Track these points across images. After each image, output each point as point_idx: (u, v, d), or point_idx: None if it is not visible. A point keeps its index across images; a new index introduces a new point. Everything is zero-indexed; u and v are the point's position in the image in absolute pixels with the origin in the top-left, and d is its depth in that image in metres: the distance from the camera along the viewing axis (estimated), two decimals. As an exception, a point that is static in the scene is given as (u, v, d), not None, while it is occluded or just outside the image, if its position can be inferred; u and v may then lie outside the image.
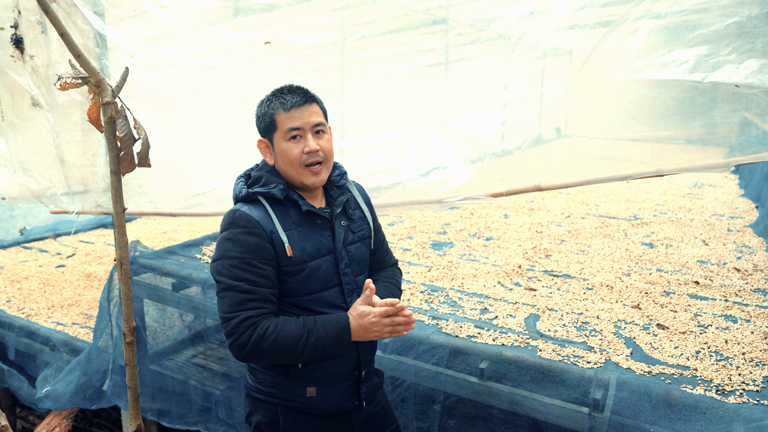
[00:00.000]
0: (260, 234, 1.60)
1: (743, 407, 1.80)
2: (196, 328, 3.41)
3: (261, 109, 1.69)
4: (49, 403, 3.26)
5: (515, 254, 3.51)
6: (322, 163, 1.67)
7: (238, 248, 1.59)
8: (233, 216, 1.63)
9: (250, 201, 1.67)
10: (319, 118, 1.67)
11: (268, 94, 1.71)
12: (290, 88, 1.67)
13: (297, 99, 1.64)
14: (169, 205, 2.99)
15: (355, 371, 1.77)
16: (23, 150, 3.12)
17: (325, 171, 1.69)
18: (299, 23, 2.72)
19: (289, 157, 1.64)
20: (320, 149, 1.65)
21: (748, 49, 1.80)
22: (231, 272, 1.58)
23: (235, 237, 1.60)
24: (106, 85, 2.12)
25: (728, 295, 2.77)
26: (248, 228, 1.60)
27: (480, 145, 2.43)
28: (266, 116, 1.67)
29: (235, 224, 1.61)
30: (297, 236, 1.66)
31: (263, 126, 1.69)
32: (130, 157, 2.23)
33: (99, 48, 2.74)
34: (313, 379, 1.71)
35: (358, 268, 1.78)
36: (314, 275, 1.67)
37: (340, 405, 1.76)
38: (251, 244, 1.59)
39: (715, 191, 5.55)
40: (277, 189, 1.66)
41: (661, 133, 2.13)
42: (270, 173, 1.70)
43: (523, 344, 2.27)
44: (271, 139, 1.68)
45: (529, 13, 2.24)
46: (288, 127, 1.63)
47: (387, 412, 1.94)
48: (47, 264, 4.86)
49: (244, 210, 1.63)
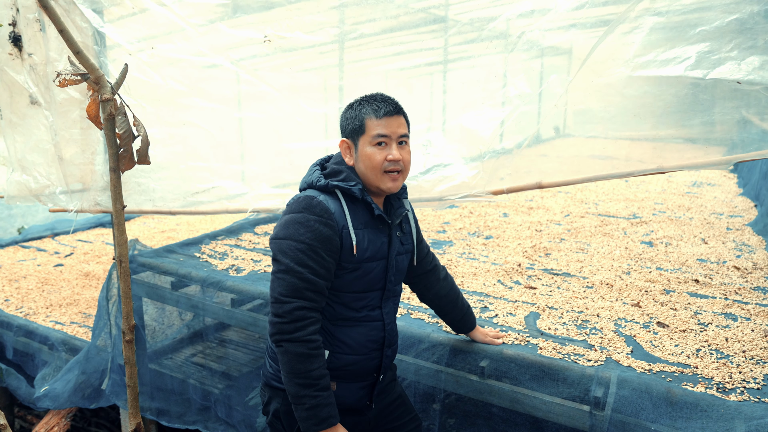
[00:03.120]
0: (333, 226, 1.65)
1: (744, 405, 1.79)
2: (195, 326, 3.40)
3: (351, 112, 1.74)
4: (47, 403, 3.25)
5: (515, 253, 3.50)
6: (401, 171, 1.73)
7: (309, 234, 1.62)
8: (310, 202, 1.66)
9: (326, 191, 1.71)
10: (405, 129, 1.74)
11: (358, 99, 1.76)
12: (383, 97, 1.73)
13: (389, 108, 1.70)
14: (169, 204, 2.98)
15: (374, 373, 1.84)
16: (21, 148, 3.10)
17: (402, 180, 1.76)
18: (298, 21, 2.71)
19: (372, 162, 1.69)
20: (401, 159, 1.71)
21: (750, 46, 1.80)
22: (296, 256, 1.62)
23: (308, 222, 1.63)
24: (105, 81, 2.11)
25: (728, 294, 2.77)
26: (323, 218, 1.64)
27: (480, 143, 2.43)
28: (356, 119, 1.71)
29: (312, 210, 1.65)
30: (363, 236, 1.72)
31: (351, 128, 1.73)
32: (130, 155, 2.23)
33: (97, 46, 2.73)
34: (336, 375, 1.77)
35: (399, 278, 1.88)
36: (366, 276, 1.74)
37: (356, 403, 1.83)
38: (323, 234, 1.63)
39: (714, 190, 5.55)
40: (357, 188, 1.70)
41: (662, 131, 2.13)
42: (350, 170, 1.75)
43: (523, 342, 2.26)
44: (356, 141, 1.73)
45: (530, 12, 2.24)
46: (376, 133, 1.68)
47: (404, 401, 2.01)
48: (45, 263, 4.84)
49: (321, 199, 1.67)
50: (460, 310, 2.14)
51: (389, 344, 1.84)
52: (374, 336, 1.80)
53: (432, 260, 2.07)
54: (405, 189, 1.90)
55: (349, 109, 1.76)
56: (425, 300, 2.12)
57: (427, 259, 2.05)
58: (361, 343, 1.77)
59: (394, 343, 1.87)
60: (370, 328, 1.79)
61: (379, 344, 1.81)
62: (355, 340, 1.76)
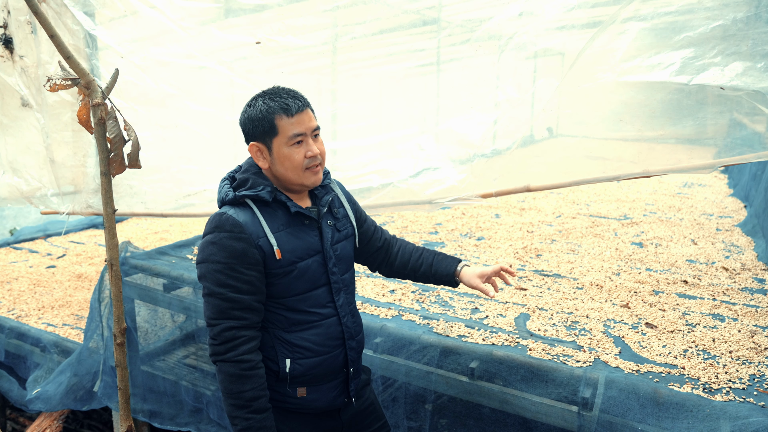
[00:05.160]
0: (246, 239, 1.60)
1: (729, 405, 1.82)
2: (188, 328, 3.40)
3: (254, 112, 1.65)
4: (39, 405, 3.24)
5: (506, 254, 3.52)
6: (320, 164, 1.70)
7: (222, 253, 1.59)
8: (219, 219, 1.63)
9: (236, 204, 1.67)
10: (316, 121, 1.70)
11: (256, 96, 1.68)
12: (287, 92, 1.66)
13: (299, 104, 1.64)
14: (160, 206, 2.99)
15: (343, 369, 1.79)
16: (13, 150, 3.10)
17: (322, 170, 1.73)
18: (290, 24, 2.72)
19: (293, 162, 1.65)
20: (320, 153, 1.69)
21: (733, 52, 1.82)
22: (214, 277, 1.60)
23: (220, 241, 1.60)
24: (96, 86, 2.12)
25: (716, 294, 2.80)
26: (234, 233, 1.60)
27: (470, 146, 2.45)
28: (264, 120, 1.63)
29: (221, 228, 1.61)
30: (286, 237, 1.67)
31: (259, 130, 1.65)
32: (121, 159, 2.23)
33: (89, 48, 2.73)
34: (303, 381, 1.72)
35: (345, 267, 1.80)
36: (303, 275, 1.69)
37: (331, 403, 1.78)
38: (236, 249, 1.60)
39: (704, 191, 5.59)
40: (265, 191, 1.66)
41: (648, 134, 2.15)
42: (256, 176, 1.70)
43: (513, 344, 2.28)
44: (269, 143, 1.65)
45: (519, 14, 2.26)
46: (293, 133, 1.63)
47: (375, 407, 1.97)
48: (37, 265, 4.83)
49: (231, 213, 1.63)
50: (429, 262, 1.98)
51: (350, 337, 1.78)
52: (332, 333, 1.74)
53: (381, 235, 2.00)
54: (327, 173, 1.82)
55: (251, 108, 1.66)
56: (392, 275, 2.03)
57: (376, 236, 1.97)
58: (320, 343, 1.72)
59: (357, 334, 1.81)
60: (326, 327, 1.73)
61: (339, 340, 1.76)
62: (312, 342, 1.71)
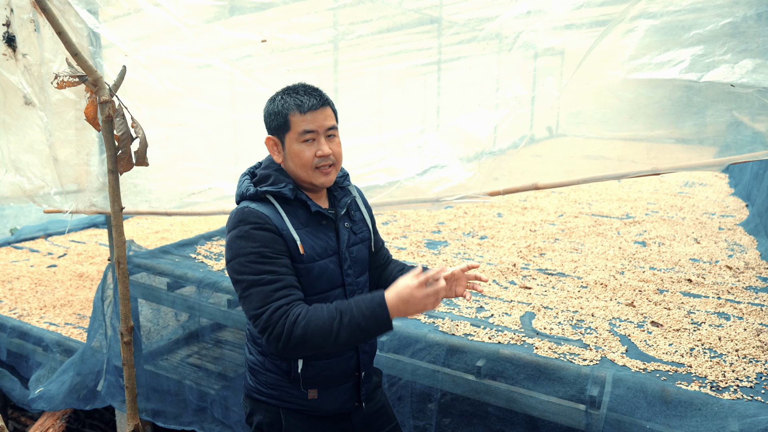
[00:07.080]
0: (272, 229, 1.58)
1: (737, 403, 1.82)
2: (191, 327, 3.40)
3: (273, 107, 1.65)
4: (42, 404, 3.24)
5: (509, 253, 3.52)
6: (332, 165, 1.67)
7: (252, 243, 1.56)
8: (242, 213, 1.60)
9: (258, 199, 1.65)
10: (332, 121, 1.66)
11: (279, 91, 1.67)
12: (305, 89, 1.64)
13: (314, 102, 1.61)
14: (165, 204, 2.98)
15: (355, 373, 1.77)
16: (15, 149, 3.09)
17: (335, 172, 1.69)
18: (295, 22, 2.72)
19: (302, 160, 1.63)
20: (332, 153, 1.65)
21: (743, 49, 1.82)
22: (250, 268, 1.55)
23: (247, 233, 1.57)
24: (103, 83, 2.11)
25: (721, 293, 2.80)
26: (259, 223, 1.58)
27: (476, 143, 2.44)
28: (279, 115, 1.63)
29: (245, 221, 1.58)
30: (305, 235, 1.65)
31: (275, 124, 1.65)
32: (128, 156, 2.22)
33: (93, 46, 2.72)
34: (314, 382, 1.71)
35: (360, 269, 1.79)
36: (323, 275, 1.66)
37: (341, 406, 1.77)
38: (265, 238, 1.57)
39: (705, 190, 5.60)
40: (287, 189, 1.64)
41: (656, 132, 2.15)
42: (278, 172, 1.68)
43: (519, 342, 2.28)
44: (282, 138, 1.65)
45: (526, 13, 2.25)
46: (303, 130, 1.61)
47: (387, 410, 1.95)
48: (39, 264, 4.82)
49: (254, 207, 1.61)
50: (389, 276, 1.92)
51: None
52: None
53: (386, 254, 1.96)
54: (347, 176, 1.81)
55: (271, 103, 1.66)
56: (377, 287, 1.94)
57: (381, 253, 1.94)
58: None
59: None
60: None
61: None
62: None
